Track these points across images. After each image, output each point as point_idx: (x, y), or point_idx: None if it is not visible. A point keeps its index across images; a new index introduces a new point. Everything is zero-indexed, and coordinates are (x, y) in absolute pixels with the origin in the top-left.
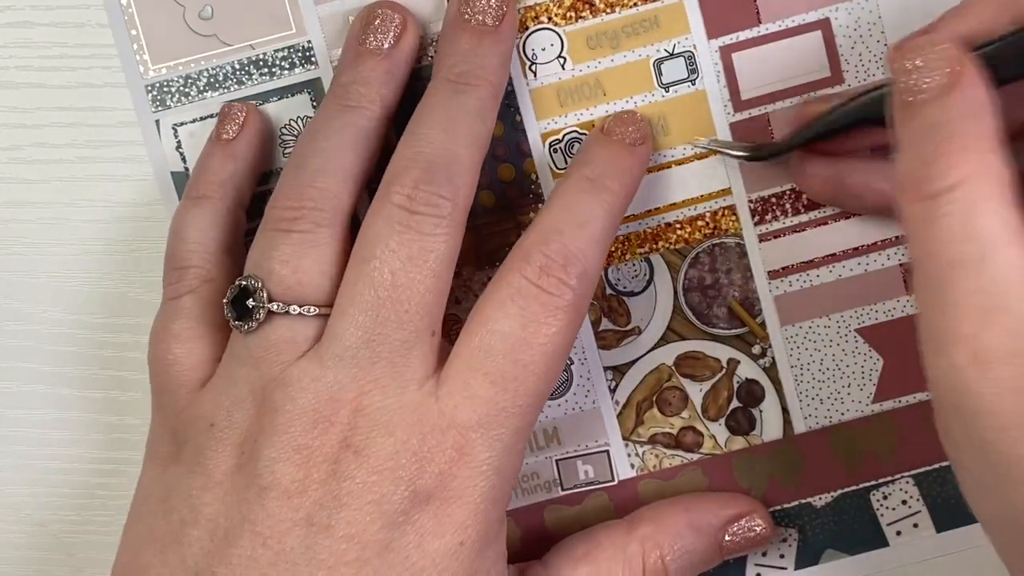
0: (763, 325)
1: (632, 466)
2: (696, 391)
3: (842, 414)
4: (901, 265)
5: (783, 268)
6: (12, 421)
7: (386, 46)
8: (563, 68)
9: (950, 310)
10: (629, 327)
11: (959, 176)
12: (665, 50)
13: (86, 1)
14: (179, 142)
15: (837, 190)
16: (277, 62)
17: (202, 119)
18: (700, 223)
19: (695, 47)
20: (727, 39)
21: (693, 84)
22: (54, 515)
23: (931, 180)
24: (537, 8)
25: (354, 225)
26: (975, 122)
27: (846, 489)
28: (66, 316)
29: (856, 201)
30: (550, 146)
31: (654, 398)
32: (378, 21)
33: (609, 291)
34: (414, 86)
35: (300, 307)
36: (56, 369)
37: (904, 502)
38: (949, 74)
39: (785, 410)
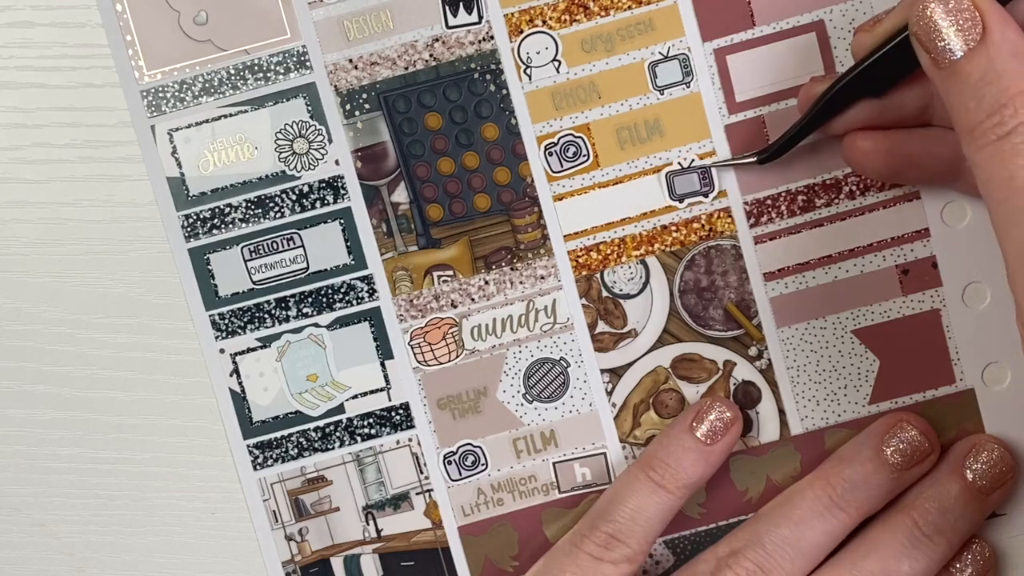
0: (759, 327)
1: None
2: (693, 393)
3: (839, 415)
4: (897, 266)
5: (779, 270)
6: (12, 421)
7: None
8: (558, 71)
9: None
10: (625, 330)
11: None
12: (660, 53)
13: (86, 1)
14: (175, 147)
15: (898, 161)
16: (272, 67)
17: (197, 124)
18: (696, 225)
19: (689, 49)
20: (721, 41)
21: (688, 87)
22: (54, 515)
23: (1002, 124)
24: (532, 11)
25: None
26: (1018, 61)
27: None
28: (66, 316)
29: (918, 171)
30: (545, 149)
31: (651, 400)
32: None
33: (605, 294)
34: (414, 88)
35: None
36: (56, 369)
37: None
38: (975, 26)
39: (782, 412)
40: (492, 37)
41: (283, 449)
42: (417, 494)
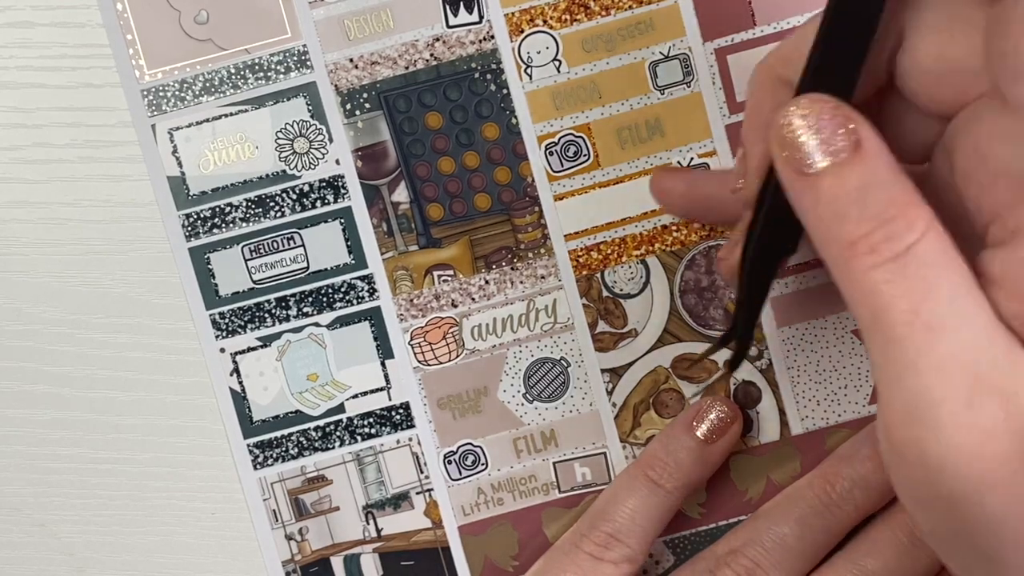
0: (759, 327)
1: None
2: (693, 393)
3: (839, 416)
4: None
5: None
6: (12, 421)
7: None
8: (559, 71)
9: (934, 376)
10: (626, 329)
11: (921, 229)
12: (660, 52)
13: (86, 1)
14: (175, 147)
15: (694, 203)
16: (272, 66)
17: (198, 124)
18: (696, 225)
19: (690, 49)
20: (722, 41)
21: (688, 87)
22: (54, 515)
23: (894, 239)
24: (532, 11)
25: None
26: (897, 174)
27: None
28: (66, 316)
29: (717, 213)
30: (546, 148)
31: (651, 400)
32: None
33: (606, 293)
34: (415, 88)
35: None
36: (56, 369)
37: None
38: (850, 133)
39: (782, 412)
40: (493, 37)
41: (283, 448)
42: (417, 494)
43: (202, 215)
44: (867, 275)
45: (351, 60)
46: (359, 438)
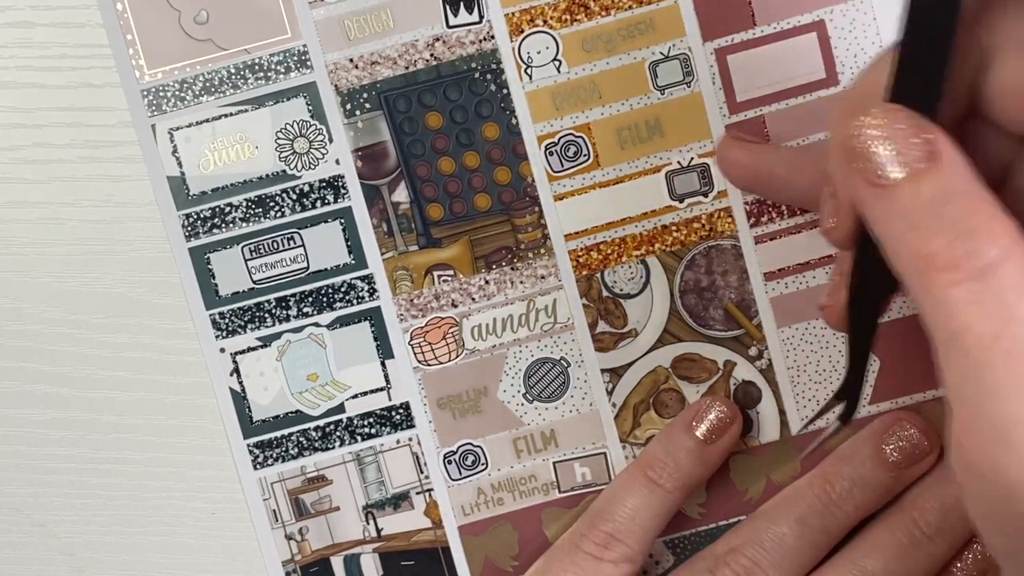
0: (759, 327)
1: None
2: (693, 393)
3: (839, 415)
4: None
5: (779, 270)
6: (12, 421)
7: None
8: (559, 71)
9: (1015, 401)
10: (626, 329)
11: (1004, 245)
12: (660, 52)
13: (86, 1)
14: (175, 146)
15: (759, 179)
16: (272, 66)
17: (198, 123)
18: (696, 225)
19: (690, 49)
20: (722, 41)
21: (688, 86)
22: (54, 515)
23: (975, 255)
24: (532, 11)
25: None
26: (978, 186)
27: None
28: (66, 316)
29: (781, 192)
30: (546, 148)
31: (651, 400)
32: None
33: (606, 293)
34: (415, 88)
35: None
36: (56, 369)
37: None
38: (926, 143)
39: (782, 411)
40: (493, 37)
41: (283, 448)
42: (417, 494)
43: (202, 215)
44: (946, 292)
45: (351, 60)
46: (359, 438)
